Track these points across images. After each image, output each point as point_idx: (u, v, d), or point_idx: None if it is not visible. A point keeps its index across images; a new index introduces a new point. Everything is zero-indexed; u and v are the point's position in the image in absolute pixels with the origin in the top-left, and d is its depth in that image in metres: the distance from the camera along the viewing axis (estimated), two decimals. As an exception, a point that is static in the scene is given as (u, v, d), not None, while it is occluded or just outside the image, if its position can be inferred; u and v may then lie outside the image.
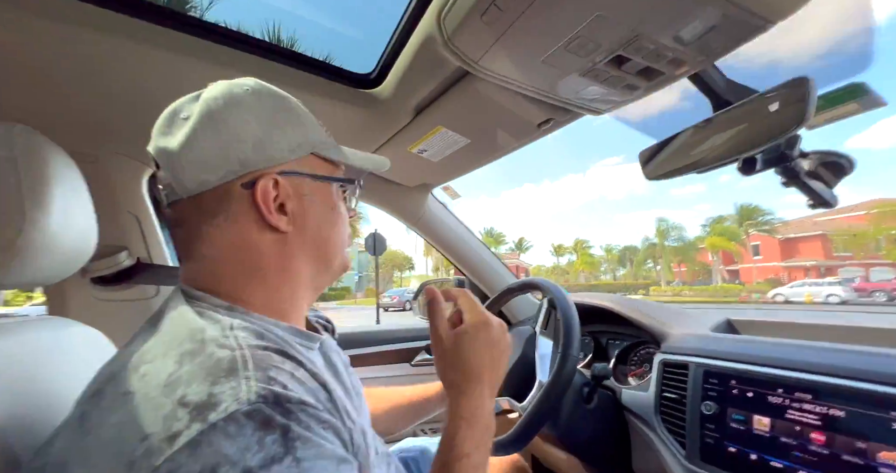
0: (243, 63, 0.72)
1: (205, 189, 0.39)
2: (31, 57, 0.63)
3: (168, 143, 0.40)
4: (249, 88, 0.42)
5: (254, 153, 0.40)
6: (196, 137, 0.39)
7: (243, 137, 0.40)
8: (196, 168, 0.39)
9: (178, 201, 0.40)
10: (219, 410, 0.27)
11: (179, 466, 0.26)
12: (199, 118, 0.40)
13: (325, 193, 0.46)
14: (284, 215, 0.42)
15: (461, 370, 0.51)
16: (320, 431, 0.31)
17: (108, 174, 0.90)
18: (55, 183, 0.47)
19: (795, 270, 30.01)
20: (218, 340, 0.33)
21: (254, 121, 0.41)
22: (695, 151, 0.69)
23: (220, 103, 0.40)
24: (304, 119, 0.45)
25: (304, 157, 0.43)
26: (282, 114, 0.43)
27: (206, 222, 0.40)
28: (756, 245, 33.42)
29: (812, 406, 0.53)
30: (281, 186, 0.41)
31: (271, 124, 0.42)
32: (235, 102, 0.41)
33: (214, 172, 0.39)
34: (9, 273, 0.44)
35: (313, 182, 0.44)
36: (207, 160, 0.39)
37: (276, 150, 0.41)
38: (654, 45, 0.52)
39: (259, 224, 0.41)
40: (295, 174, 0.42)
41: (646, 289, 34.63)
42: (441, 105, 0.83)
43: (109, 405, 0.31)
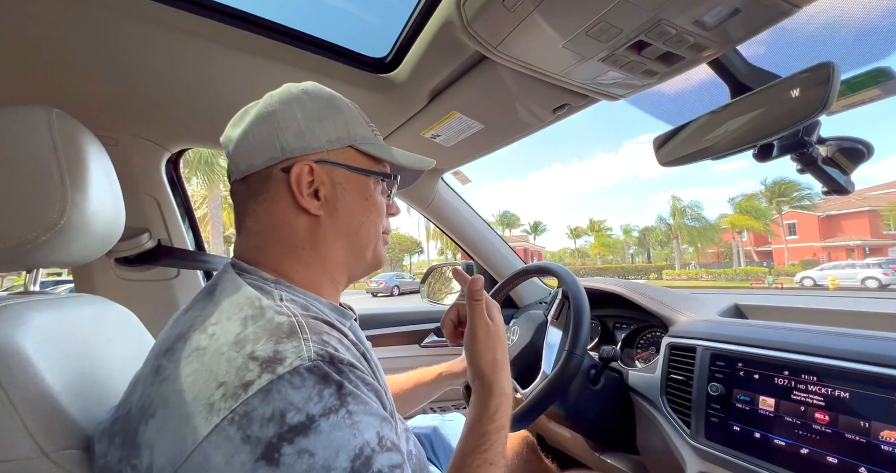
0: (259, 46, 0.72)
1: (252, 171, 0.45)
2: (53, 39, 0.64)
3: (233, 133, 0.47)
4: (304, 88, 0.48)
5: (294, 141, 0.45)
6: (251, 127, 0.45)
7: (287, 128, 0.45)
8: (247, 153, 0.45)
9: (234, 182, 0.47)
10: (285, 364, 0.31)
11: (254, 409, 0.30)
12: (257, 112, 0.46)
13: (361, 184, 0.49)
14: (317, 200, 0.46)
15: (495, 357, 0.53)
16: (366, 391, 0.35)
17: (129, 157, 0.92)
18: (91, 166, 0.49)
19: (837, 250, 26.64)
20: (274, 308, 0.37)
21: (300, 114, 0.46)
22: (709, 137, 0.69)
23: (275, 100, 0.46)
24: (348, 116, 0.49)
25: (341, 148, 0.47)
26: (327, 110, 0.47)
27: (252, 200, 0.46)
28: (791, 224, 30.25)
29: (817, 388, 0.55)
30: (316, 173, 0.45)
31: (314, 118, 0.46)
32: (289, 99, 0.46)
33: (260, 157, 0.45)
34: (52, 252, 0.46)
35: (349, 173, 0.48)
36: (256, 147, 0.45)
37: (314, 140, 0.45)
38: (676, 30, 0.52)
39: (294, 206, 0.45)
40: (330, 164, 0.46)
41: (658, 272, 32.25)
42: (456, 90, 0.83)
43: (182, 358, 0.35)
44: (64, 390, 0.39)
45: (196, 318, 0.38)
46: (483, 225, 1.45)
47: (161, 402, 0.33)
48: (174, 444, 0.31)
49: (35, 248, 0.44)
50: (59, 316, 0.47)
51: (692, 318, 0.86)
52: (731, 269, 28.65)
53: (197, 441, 0.30)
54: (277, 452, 0.29)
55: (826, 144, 0.63)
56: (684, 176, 76.45)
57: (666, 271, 32.34)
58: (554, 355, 0.79)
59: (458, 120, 0.93)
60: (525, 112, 0.87)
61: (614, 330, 1.14)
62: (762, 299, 0.95)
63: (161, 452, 0.31)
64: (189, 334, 0.36)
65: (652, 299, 0.98)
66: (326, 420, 0.30)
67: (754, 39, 0.56)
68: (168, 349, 0.36)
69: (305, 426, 0.30)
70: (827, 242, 27.70)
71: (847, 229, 27.88)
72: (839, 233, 28.00)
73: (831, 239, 27.68)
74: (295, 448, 0.29)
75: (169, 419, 0.32)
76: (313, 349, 0.33)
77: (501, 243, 1.47)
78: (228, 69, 0.75)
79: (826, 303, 0.86)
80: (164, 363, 0.36)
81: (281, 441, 0.29)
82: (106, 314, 0.57)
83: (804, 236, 29.41)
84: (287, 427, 0.29)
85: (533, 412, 0.71)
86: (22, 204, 0.43)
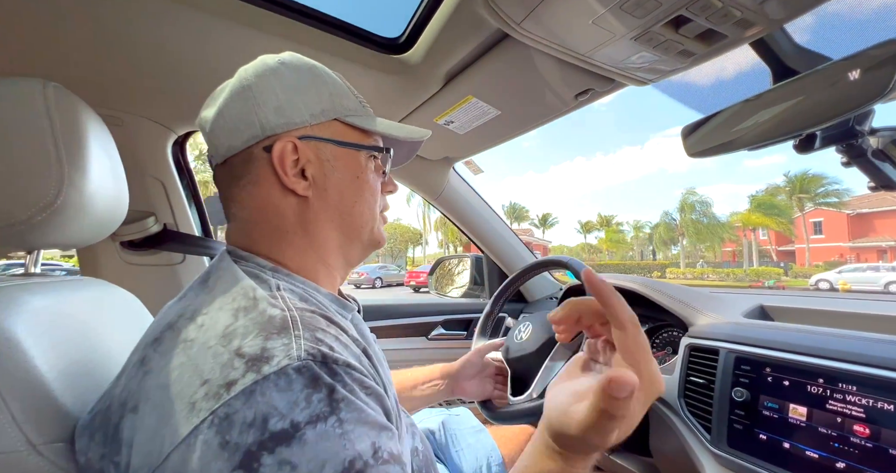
0: (268, 23, 0.69)
1: (232, 154, 0.42)
2: (57, 13, 0.61)
3: (207, 113, 0.43)
4: (281, 59, 0.44)
5: (274, 117, 0.41)
6: (226, 105, 0.42)
7: (265, 103, 0.41)
8: (225, 134, 0.42)
9: (216, 167, 0.44)
10: (272, 363, 0.29)
11: (235, 411, 0.27)
12: (231, 89, 0.42)
13: (351, 160, 0.45)
14: (304, 179, 0.42)
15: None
16: (363, 396, 0.31)
17: (134, 138, 0.89)
18: (90, 145, 0.46)
19: (867, 251, 24.54)
20: (268, 299, 0.34)
21: (278, 87, 0.42)
22: (746, 125, 0.64)
23: (250, 73, 0.42)
24: (332, 87, 0.44)
25: (326, 122, 0.43)
26: (308, 80, 0.43)
27: (235, 185, 0.43)
28: (817, 222, 27.73)
29: (856, 398, 0.51)
30: (301, 150, 0.42)
31: (294, 90, 0.42)
32: (265, 71, 0.42)
33: (239, 137, 0.41)
34: (49, 233, 0.44)
35: (336, 148, 0.44)
36: (234, 126, 0.41)
37: (296, 114, 0.42)
38: (722, 4, 0.47)
39: (280, 187, 0.42)
40: (315, 139, 0.43)
41: (662, 270, 31.04)
42: (473, 73, 0.79)
43: (169, 350, 0.32)
44: (57, 378, 0.37)
45: (187, 307, 0.36)
46: (494, 217, 1.41)
47: (143, 396, 0.31)
48: (152, 444, 0.29)
49: (30, 228, 0.41)
50: (57, 300, 0.45)
51: (714, 319, 0.82)
52: (741, 269, 27.31)
53: (175, 442, 0.28)
54: (257, 462, 0.26)
55: (878, 135, 0.58)
56: (713, 171, 72.00)
57: (670, 269, 31.07)
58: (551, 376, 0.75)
59: (473, 105, 0.88)
60: (545, 97, 0.83)
61: None
62: (790, 300, 0.90)
63: (138, 451, 0.29)
64: (178, 323, 0.34)
65: (670, 297, 0.93)
66: (313, 428, 0.27)
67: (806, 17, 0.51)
68: (155, 339, 0.34)
69: (289, 434, 0.27)
70: (856, 242, 25.61)
71: (880, 228, 25.61)
72: (871, 233, 25.76)
73: (861, 239, 25.58)
74: (276, 459, 0.26)
75: (149, 415, 0.30)
76: (304, 347, 0.30)
77: (512, 236, 1.43)
78: (238, 48, 0.72)
79: (862, 307, 0.81)
80: (150, 353, 0.34)
81: (261, 450, 0.26)
82: (107, 298, 0.55)
83: (831, 235, 27.18)
84: (268, 434, 0.27)
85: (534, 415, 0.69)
86: (15, 181, 0.41)
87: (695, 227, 31.71)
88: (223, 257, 0.41)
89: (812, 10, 0.48)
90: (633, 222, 41.58)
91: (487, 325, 0.99)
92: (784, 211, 28.84)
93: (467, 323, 1.40)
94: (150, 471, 0.28)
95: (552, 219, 45.05)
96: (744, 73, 0.65)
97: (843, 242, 26.06)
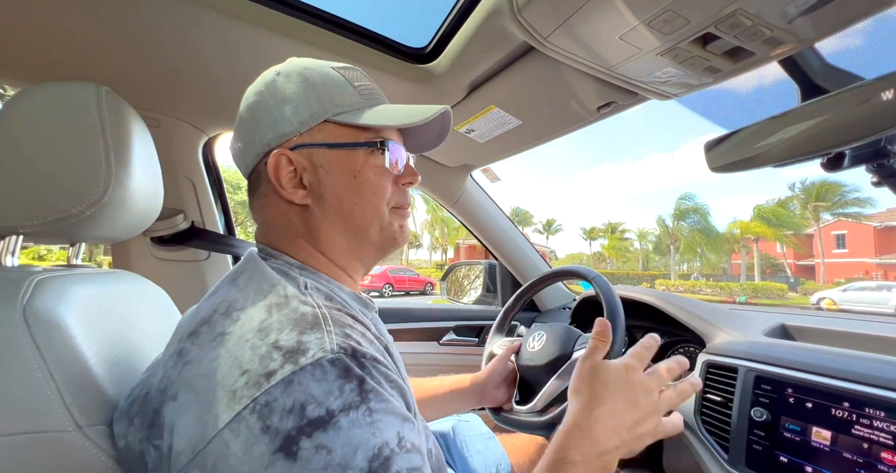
0: (298, 32, 0.72)
1: (249, 173, 0.46)
2: (102, 17, 0.65)
3: (231, 143, 0.47)
4: (280, 71, 0.45)
5: (269, 132, 0.43)
6: (238, 128, 0.45)
7: (262, 119, 0.43)
8: (240, 157, 0.45)
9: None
10: (308, 355, 0.31)
11: (275, 399, 0.29)
12: (241, 110, 0.45)
13: (346, 160, 0.43)
14: (304, 188, 0.43)
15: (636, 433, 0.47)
16: (388, 388, 0.33)
17: (169, 139, 0.93)
18: (135, 145, 0.49)
19: (895, 269, 22.06)
20: (299, 297, 0.36)
21: (271, 101, 0.43)
22: (767, 142, 0.63)
23: (251, 92, 0.45)
24: (320, 88, 0.43)
25: (316, 126, 0.43)
26: (296, 88, 0.43)
27: (252, 198, 0.47)
28: (840, 235, 25.03)
29: (885, 424, 0.50)
30: (294, 160, 0.42)
31: (283, 101, 0.42)
32: (263, 87, 0.44)
33: (248, 157, 0.45)
34: (95, 227, 0.46)
35: (329, 151, 0.43)
36: (245, 148, 0.45)
37: (286, 125, 0.42)
38: (752, 22, 0.47)
39: (283, 198, 0.44)
40: (307, 146, 0.43)
41: (651, 281, 29.17)
42: (496, 83, 0.80)
43: (206, 342, 0.34)
44: (99, 363, 0.39)
45: (220, 302, 0.37)
46: (510, 225, 1.41)
47: (183, 385, 0.33)
48: (195, 428, 0.31)
49: (79, 222, 0.44)
50: (100, 290, 0.47)
51: (733, 336, 0.80)
52: (738, 283, 25.34)
53: (218, 427, 0.29)
54: (296, 445, 0.28)
55: (910, 156, 0.57)
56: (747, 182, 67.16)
57: (659, 281, 28.75)
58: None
59: (495, 115, 0.90)
60: (567, 109, 0.83)
61: None
62: (814, 321, 0.88)
63: (181, 435, 0.31)
64: (213, 318, 0.36)
65: (688, 312, 0.92)
66: (346, 415, 0.29)
67: (835, 36, 0.51)
68: (192, 333, 0.36)
69: (325, 420, 0.29)
70: (883, 258, 22.91)
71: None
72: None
73: (889, 255, 22.81)
74: (313, 443, 0.28)
75: (191, 402, 0.32)
76: (336, 341, 0.32)
77: (527, 245, 1.43)
78: (269, 55, 0.74)
79: (891, 331, 0.78)
80: (188, 346, 0.36)
81: (300, 435, 0.28)
82: (143, 292, 0.57)
83: (855, 249, 24.51)
84: (307, 420, 0.29)
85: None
86: (69, 178, 0.44)
87: (691, 236, 29.60)
88: (252, 257, 0.43)
89: (847, 28, 0.47)
90: (638, 230, 38.63)
91: (506, 322, 0.99)
92: (789, 222, 26.44)
93: (479, 330, 1.40)
94: (193, 453, 0.30)
95: (556, 225, 42.58)
96: (770, 89, 0.65)
97: (868, 257, 23.74)
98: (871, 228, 23.86)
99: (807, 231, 26.27)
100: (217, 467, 0.28)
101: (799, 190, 26.82)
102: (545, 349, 0.81)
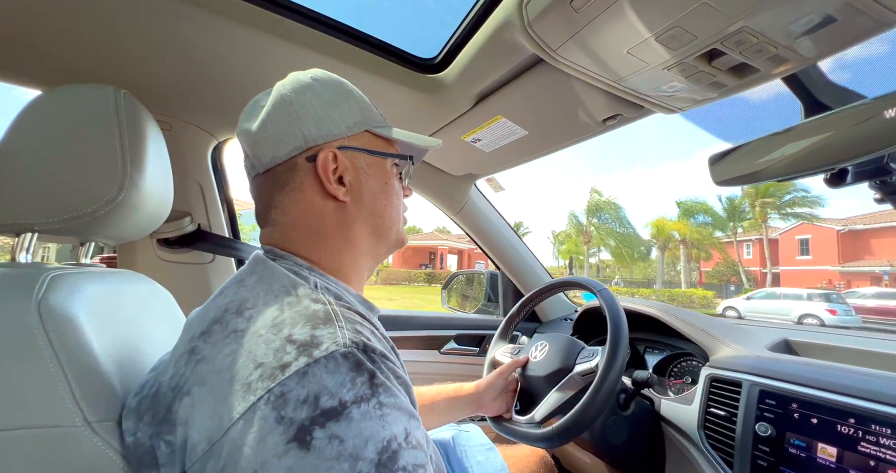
0: (311, 41, 0.73)
1: (276, 163, 0.45)
2: (120, 21, 0.66)
3: (249, 125, 0.46)
4: (313, 76, 0.48)
5: (315, 129, 0.45)
6: (269, 118, 0.45)
7: (306, 116, 0.45)
8: (269, 145, 0.45)
9: (257, 176, 0.47)
10: (321, 348, 0.32)
11: (290, 390, 0.30)
12: (272, 103, 0.45)
13: (380, 167, 0.49)
14: (343, 185, 0.46)
15: None
16: (396, 384, 0.34)
17: (180, 142, 0.95)
18: (149, 147, 0.50)
19: (859, 277, 19.72)
20: (310, 295, 0.37)
21: (316, 102, 0.45)
22: (770, 157, 0.64)
23: (288, 89, 0.46)
24: (359, 101, 0.49)
25: (359, 133, 0.47)
26: (340, 95, 0.47)
27: (278, 192, 0.46)
28: (804, 239, 22.33)
29: (892, 442, 0.49)
30: (339, 159, 0.45)
31: (330, 104, 0.46)
32: (301, 87, 0.46)
33: (283, 148, 0.44)
34: (106, 227, 0.47)
35: (369, 157, 0.48)
36: (278, 138, 0.44)
37: (334, 126, 0.46)
38: (757, 39, 0.49)
39: (321, 193, 0.45)
40: (352, 149, 0.47)
41: None
42: (504, 94, 0.82)
43: (220, 340, 0.35)
44: (108, 360, 0.39)
45: (231, 302, 0.38)
46: (513, 235, 1.42)
47: (197, 381, 0.34)
48: (211, 420, 0.31)
49: (93, 221, 0.45)
50: (110, 289, 0.48)
51: (737, 350, 0.80)
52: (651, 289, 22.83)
53: (233, 418, 0.30)
54: (309, 435, 0.28)
55: (913, 173, 0.58)
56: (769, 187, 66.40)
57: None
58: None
59: (502, 125, 0.91)
60: (573, 121, 0.85)
61: (645, 354, 1.08)
62: (818, 337, 0.88)
63: (197, 428, 0.32)
64: (225, 317, 0.37)
65: (691, 325, 0.92)
66: (358, 407, 0.30)
67: (839, 54, 0.52)
68: (204, 332, 0.37)
69: (337, 411, 0.29)
70: (846, 266, 20.50)
71: (877, 249, 20.21)
72: (866, 255, 20.50)
73: (852, 263, 20.45)
74: (326, 433, 0.29)
75: (206, 396, 0.33)
76: (348, 336, 0.33)
77: (530, 255, 1.43)
78: (281, 61, 0.76)
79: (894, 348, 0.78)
80: (200, 344, 0.36)
81: (313, 425, 0.29)
82: (149, 292, 0.58)
83: (819, 256, 21.62)
84: (320, 410, 0.29)
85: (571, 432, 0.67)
86: (85, 178, 0.44)
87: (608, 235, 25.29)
88: (259, 258, 0.44)
89: (849, 48, 0.49)
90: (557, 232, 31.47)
91: (510, 329, 0.99)
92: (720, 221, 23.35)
93: (480, 339, 1.39)
94: (209, 444, 0.30)
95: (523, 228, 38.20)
96: (773, 105, 0.66)
97: (831, 265, 21.07)
98: (835, 232, 21.23)
99: (773, 236, 23.86)
100: (232, 457, 0.29)
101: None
102: (547, 360, 0.81)
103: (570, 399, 0.72)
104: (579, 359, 0.77)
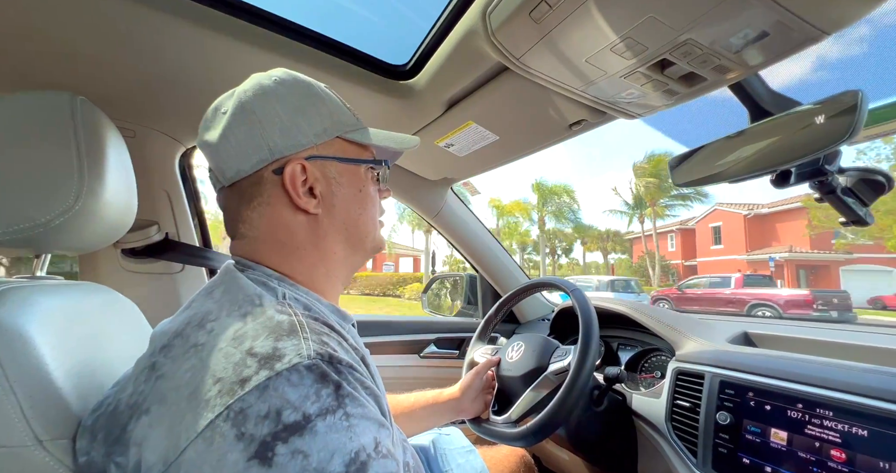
0: (280, 47, 0.73)
1: (241, 177, 0.43)
2: (76, 26, 0.64)
3: (210, 136, 0.43)
4: (277, 78, 0.44)
5: (281, 140, 0.42)
6: (230, 129, 0.42)
7: (270, 126, 0.42)
8: (232, 158, 0.42)
9: (223, 189, 0.45)
10: (283, 361, 0.30)
11: (250, 405, 0.29)
12: (233, 111, 0.42)
13: (353, 174, 0.47)
14: (314, 197, 0.44)
15: None
16: (364, 394, 0.33)
17: (144, 150, 0.92)
18: (109, 155, 0.49)
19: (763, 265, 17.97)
20: (275, 306, 0.36)
21: (280, 109, 0.43)
22: (726, 160, 0.68)
23: (249, 95, 0.43)
24: (329, 104, 0.46)
25: (329, 140, 0.45)
26: (307, 100, 0.44)
27: (244, 206, 0.44)
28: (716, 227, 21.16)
29: (833, 423, 0.53)
30: (309, 170, 0.43)
31: (296, 111, 0.43)
32: (263, 92, 0.43)
33: (248, 161, 0.42)
34: (63, 237, 0.45)
35: (340, 165, 0.46)
36: (241, 150, 0.42)
37: (301, 135, 0.43)
38: (702, 51, 0.52)
39: (291, 207, 0.43)
40: (321, 158, 0.44)
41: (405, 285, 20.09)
42: (474, 100, 0.84)
43: (180, 354, 0.34)
44: (64, 376, 0.38)
45: (194, 315, 0.37)
46: (490, 238, 1.44)
47: (156, 399, 0.32)
48: (167, 440, 0.30)
49: (47, 231, 0.43)
50: (66, 302, 0.46)
51: (701, 344, 0.84)
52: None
53: (191, 437, 0.29)
54: (271, 451, 0.27)
55: (846, 174, 0.63)
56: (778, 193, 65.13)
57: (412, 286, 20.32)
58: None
59: (473, 130, 0.93)
60: (541, 126, 0.87)
61: (618, 351, 1.11)
62: (773, 328, 0.93)
63: (152, 449, 0.30)
64: (186, 330, 0.36)
65: (659, 321, 0.96)
66: (323, 420, 0.29)
67: (778, 65, 0.56)
68: (165, 346, 0.36)
69: (301, 425, 0.28)
70: (752, 254, 19.02)
71: (783, 234, 18.93)
72: (773, 241, 19.24)
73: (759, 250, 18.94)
74: (289, 448, 0.28)
75: (164, 415, 0.31)
76: (313, 347, 0.32)
77: (507, 257, 1.46)
78: (248, 67, 0.75)
79: (845, 337, 0.84)
80: (161, 360, 0.35)
81: (275, 440, 0.28)
82: (111, 304, 0.56)
83: (731, 245, 20.31)
84: (282, 425, 0.28)
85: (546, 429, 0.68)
86: (38, 187, 0.43)
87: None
88: (228, 269, 0.43)
89: (783, 59, 0.53)
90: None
91: (488, 330, 1.00)
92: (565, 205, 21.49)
93: (460, 342, 1.40)
94: (165, 466, 0.29)
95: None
96: (725, 111, 0.70)
97: (739, 253, 19.64)
98: (742, 217, 19.96)
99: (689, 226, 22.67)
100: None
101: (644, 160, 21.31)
102: (522, 360, 0.83)
103: (545, 398, 0.74)
104: (553, 358, 0.79)
